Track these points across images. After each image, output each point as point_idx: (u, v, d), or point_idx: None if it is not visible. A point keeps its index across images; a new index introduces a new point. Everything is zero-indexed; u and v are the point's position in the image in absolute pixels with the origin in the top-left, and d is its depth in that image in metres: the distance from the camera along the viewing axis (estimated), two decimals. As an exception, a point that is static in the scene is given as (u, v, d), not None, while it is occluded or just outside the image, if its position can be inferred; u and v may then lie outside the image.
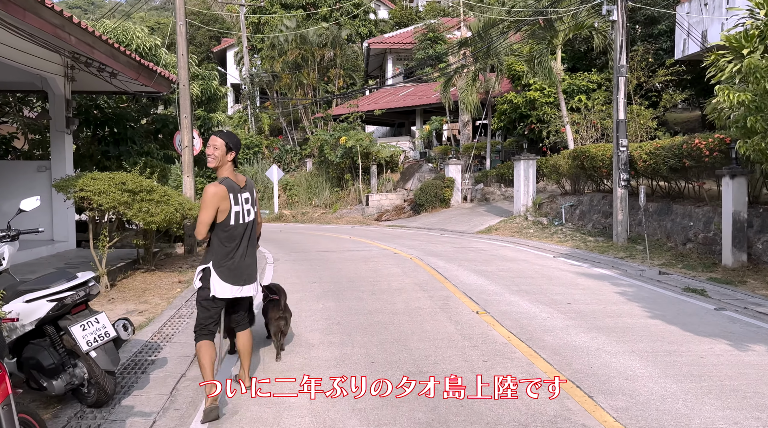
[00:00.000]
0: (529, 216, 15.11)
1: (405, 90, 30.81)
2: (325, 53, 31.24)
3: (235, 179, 3.92)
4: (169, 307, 6.78)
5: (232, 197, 3.83)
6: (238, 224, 3.88)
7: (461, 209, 19.74)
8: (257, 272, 4.15)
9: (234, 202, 3.85)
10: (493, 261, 9.97)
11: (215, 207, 3.78)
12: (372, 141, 25.11)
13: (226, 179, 3.87)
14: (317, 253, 11.46)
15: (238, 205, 3.87)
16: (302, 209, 25.91)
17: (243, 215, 3.91)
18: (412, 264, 9.74)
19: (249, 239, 3.99)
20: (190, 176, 10.61)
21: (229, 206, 3.82)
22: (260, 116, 35.63)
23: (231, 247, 3.87)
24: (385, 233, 16.09)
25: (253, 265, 4.05)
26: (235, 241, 3.88)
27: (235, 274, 3.89)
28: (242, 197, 3.92)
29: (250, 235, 3.99)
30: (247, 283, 3.99)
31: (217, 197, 3.77)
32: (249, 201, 3.98)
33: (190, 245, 10.70)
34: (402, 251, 11.40)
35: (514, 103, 20.45)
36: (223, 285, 3.86)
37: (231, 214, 3.84)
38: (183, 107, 10.51)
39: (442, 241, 13.38)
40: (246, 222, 3.94)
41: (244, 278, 3.95)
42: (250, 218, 3.97)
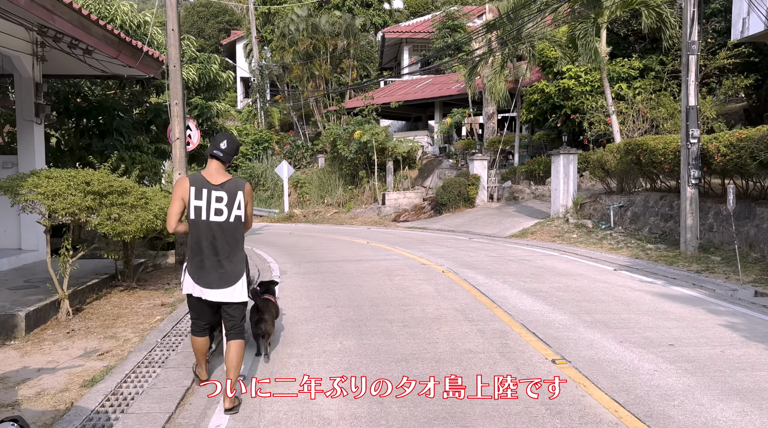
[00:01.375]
0: (570, 218, 13.34)
1: (422, 82, 29.05)
2: (338, 43, 29.54)
3: (209, 176, 3.86)
4: (139, 346, 5.16)
5: (194, 190, 3.81)
6: (199, 220, 3.81)
7: (487, 209, 18.00)
8: (237, 280, 3.88)
9: (195, 196, 3.81)
10: (544, 276, 8.26)
11: (178, 198, 3.84)
12: (388, 135, 23.43)
13: (198, 174, 3.90)
14: (331, 263, 9.82)
15: (200, 200, 3.81)
16: (314, 208, 24.32)
17: (206, 212, 3.81)
18: (445, 280, 8.06)
19: (218, 241, 3.82)
20: (183, 172, 9.02)
21: (189, 199, 3.81)
22: (270, 110, 34.07)
23: (194, 243, 3.86)
24: (405, 236, 14.42)
25: (228, 271, 3.86)
26: (198, 237, 3.83)
27: (200, 274, 3.85)
28: (212, 195, 3.82)
29: (219, 236, 3.83)
30: (214, 287, 3.84)
31: (180, 188, 3.85)
32: (222, 201, 3.84)
33: (182, 255, 9.11)
34: (430, 261, 9.73)
35: (546, 93, 18.66)
36: (189, 281, 3.88)
37: (190, 208, 3.81)
38: (173, 91, 8.90)
39: (474, 247, 11.67)
40: (210, 221, 3.82)
41: (210, 281, 3.83)
42: (219, 218, 3.83)
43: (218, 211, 3.82)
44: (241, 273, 3.92)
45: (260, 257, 10.90)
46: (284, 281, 8.18)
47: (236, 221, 3.88)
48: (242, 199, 3.88)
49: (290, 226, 20.48)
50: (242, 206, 3.88)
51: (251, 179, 28.31)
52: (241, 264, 3.95)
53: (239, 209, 3.87)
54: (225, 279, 3.85)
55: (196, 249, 3.84)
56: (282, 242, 13.82)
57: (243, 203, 3.89)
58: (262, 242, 13.70)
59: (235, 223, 3.87)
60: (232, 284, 3.87)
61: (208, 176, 3.86)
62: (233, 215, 3.85)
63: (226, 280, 3.85)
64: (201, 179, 3.84)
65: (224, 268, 3.84)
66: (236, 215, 3.86)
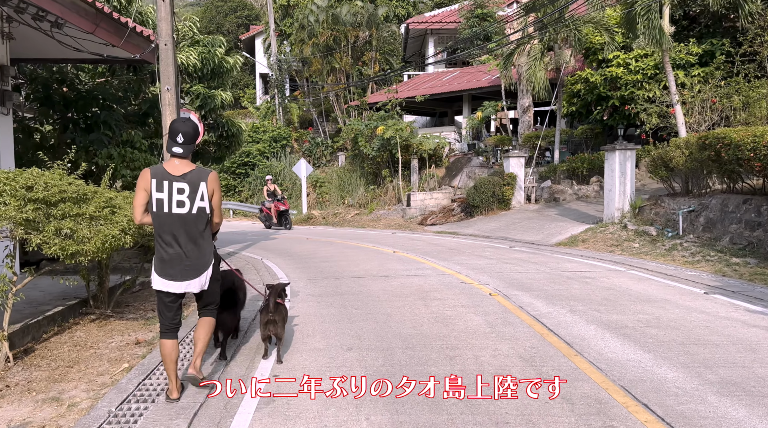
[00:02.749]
0: (629, 224, 11.55)
1: (449, 74, 27.32)
2: (360, 34, 27.99)
3: (170, 168, 3.79)
4: (82, 421, 3.65)
5: (155, 182, 3.76)
6: (161, 212, 3.78)
7: (525, 211, 16.25)
8: (203, 272, 3.86)
9: (156, 188, 3.76)
10: (620, 302, 6.56)
11: (141, 190, 3.80)
12: (413, 131, 21.80)
13: (159, 165, 3.85)
14: (353, 280, 8.24)
15: (161, 192, 3.75)
16: (334, 210, 22.81)
17: (168, 204, 3.76)
18: (495, 306, 6.43)
19: (181, 233, 3.78)
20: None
21: (150, 192, 3.76)
22: (289, 106, 32.68)
23: (157, 235, 3.81)
24: (436, 244, 12.78)
25: (193, 263, 3.82)
26: (161, 230, 3.79)
27: (165, 266, 3.80)
28: (174, 186, 3.76)
29: (182, 229, 3.78)
30: (178, 279, 3.80)
31: (143, 180, 3.80)
32: (184, 193, 3.77)
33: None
34: (471, 279, 8.09)
35: (591, 83, 16.84)
36: (154, 276, 3.86)
37: (152, 200, 3.77)
38: (165, 75, 7.41)
39: (518, 259, 9.99)
40: (174, 213, 3.77)
41: (174, 273, 3.79)
42: (182, 210, 3.78)
43: (180, 203, 3.78)
44: (207, 265, 3.90)
45: (270, 270, 9.38)
46: (295, 306, 6.63)
47: (199, 213, 3.83)
48: (205, 190, 3.82)
49: (308, 229, 18.99)
50: (206, 197, 3.83)
51: (269, 179, 26.96)
52: (208, 256, 3.91)
53: (202, 201, 3.82)
54: (189, 272, 3.82)
55: (162, 243, 3.81)
56: (297, 250, 12.29)
57: (207, 195, 3.83)
58: (275, 251, 12.21)
59: (197, 214, 3.82)
60: (197, 276, 3.85)
61: (169, 167, 3.80)
62: (195, 206, 3.81)
63: (190, 272, 3.82)
64: (162, 170, 3.79)
65: (188, 260, 3.81)
66: (199, 207, 3.82)
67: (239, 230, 18.88)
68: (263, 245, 13.59)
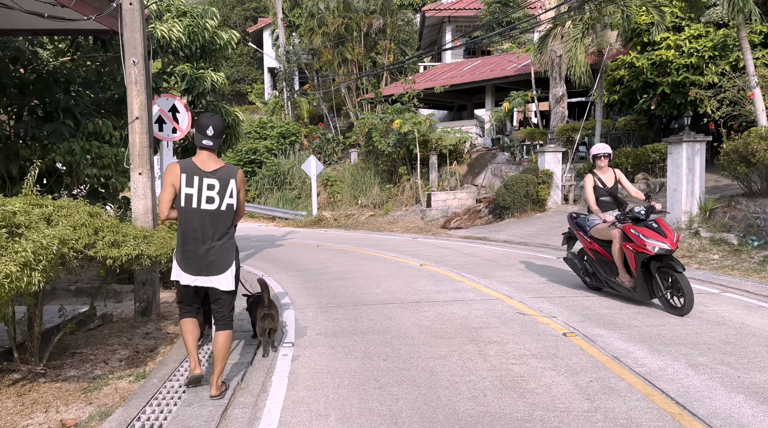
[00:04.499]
0: (702, 230, 9.66)
1: (470, 64, 25.43)
2: (373, 22, 26.15)
3: (201, 163, 3.81)
4: None
5: (185, 177, 3.76)
6: (190, 208, 3.78)
7: (564, 213, 14.32)
8: (227, 268, 3.83)
9: (186, 184, 3.76)
10: (749, 347, 4.70)
11: (169, 185, 3.78)
12: (432, 125, 19.97)
13: (189, 160, 3.84)
14: (376, 309, 6.45)
15: (191, 187, 3.77)
16: (346, 210, 21.03)
17: (197, 200, 3.78)
18: (581, 357, 4.60)
19: (208, 229, 3.79)
20: (147, 171, 5.76)
21: (180, 186, 3.76)
22: (298, 100, 30.94)
23: (185, 231, 3.80)
24: (468, 253, 10.95)
25: (219, 259, 3.80)
26: (188, 225, 3.78)
27: (189, 261, 3.79)
28: (204, 182, 3.78)
29: (209, 225, 3.79)
30: (203, 275, 3.80)
31: (171, 174, 3.79)
32: (214, 189, 3.80)
33: (146, 301, 5.85)
34: (529, 307, 6.27)
35: (636, 68, 14.91)
36: (177, 269, 3.83)
37: (181, 195, 3.77)
38: (130, 43, 5.64)
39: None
40: (202, 209, 3.78)
41: (199, 268, 3.79)
42: (211, 206, 3.80)
43: (210, 199, 3.79)
44: (231, 262, 3.86)
45: (271, 292, 7.61)
46: (302, 355, 4.85)
47: (228, 210, 3.84)
48: (234, 187, 3.85)
49: (319, 233, 17.25)
50: (234, 194, 3.85)
51: (276, 177, 25.28)
52: (232, 253, 3.88)
53: (231, 198, 3.84)
54: (214, 268, 3.80)
55: (185, 237, 3.79)
56: (306, 262, 10.52)
57: (235, 191, 3.86)
58: (280, 263, 10.45)
59: (226, 211, 3.84)
60: (222, 272, 3.82)
61: (199, 163, 3.81)
62: (225, 203, 3.82)
63: (214, 268, 3.81)
64: (192, 165, 3.80)
65: (213, 257, 3.80)
66: (228, 204, 3.83)
67: (243, 234, 17.18)
68: (268, 254, 11.84)
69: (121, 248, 4.22)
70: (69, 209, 4.25)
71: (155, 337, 5.37)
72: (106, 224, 4.32)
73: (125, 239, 4.34)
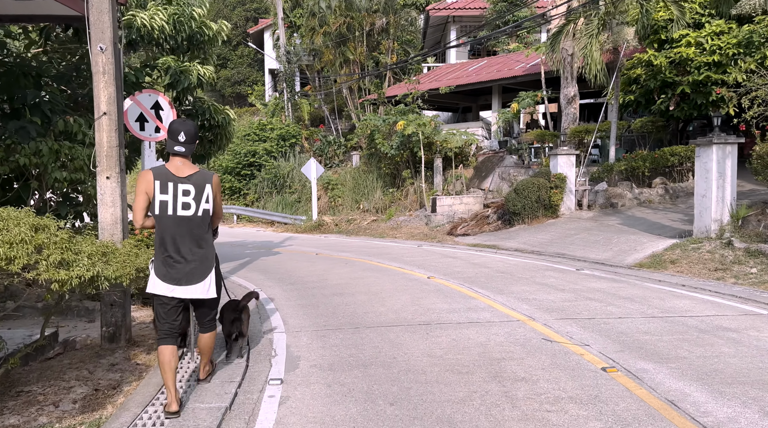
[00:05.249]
0: (735, 240, 8.84)
1: (475, 64, 24.66)
2: (376, 21, 25.40)
3: (174, 169, 3.70)
4: None
5: (158, 184, 3.66)
6: (165, 215, 3.67)
7: (578, 220, 13.56)
8: (207, 275, 3.75)
9: (160, 190, 3.66)
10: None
11: (142, 193, 3.68)
12: (437, 127, 19.19)
13: (162, 166, 3.76)
14: (379, 332, 5.64)
15: (165, 194, 3.67)
16: (347, 215, 20.24)
17: (173, 206, 3.67)
18: (631, 402, 3.79)
19: (186, 236, 3.70)
20: (116, 175, 4.98)
21: (154, 193, 3.66)
22: (299, 102, 30.20)
23: (160, 238, 3.70)
24: (478, 263, 10.15)
25: (198, 266, 3.72)
26: (164, 233, 3.69)
27: (168, 270, 3.68)
28: (179, 188, 3.68)
29: (186, 231, 3.70)
30: (183, 284, 3.69)
31: (144, 182, 3.68)
32: (190, 195, 3.70)
33: (113, 325, 5.05)
34: (556, 332, 5.46)
35: (654, 67, 14.13)
36: (155, 280, 3.70)
37: (156, 202, 3.67)
38: (96, 27, 4.85)
39: (602, 291, 7.34)
40: (178, 215, 3.68)
41: (178, 278, 3.68)
42: (188, 212, 3.70)
43: (186, 205, 3.71)
44: (211, 268, 3.79)
45: (262, 312, 6.81)
46: (290, 395, 4.05)
47: (204, 215, 3.78)
48: (210, 192, 3.78)
49: (318, 239, 16.46)
50: (211, 199, 3.78)
51: (276, 180, 24.52)
52: (211, 259, 3.81)
53: (207, 203, 3.77)
54: (194, 275, 3.72)
55: (162, 245, 3.70)
56: (303, 272, 9.73)
57: (212, 196, 3.79)
58: (275, 274, 9.67)
59: (203, 217, 3.77)
60: (201, 280, 3.74)
61: (173, 169, 3.72)
62: (201, 208, 3.75)
63: (195, 276, 3.72)
64: (166, 171, 3.70)
65: (193, 263, 3.72)
66: (204, 209, 3.76)
67: (239, 240, 16.41)
68: (263, 263, 11.06)
69: (72, 268, 3.47)
70: (7, 221, 3.48)
71: (122, 369, 4.58)
72: (54, 240, 3.54)
73: (77, 257, 3.57)
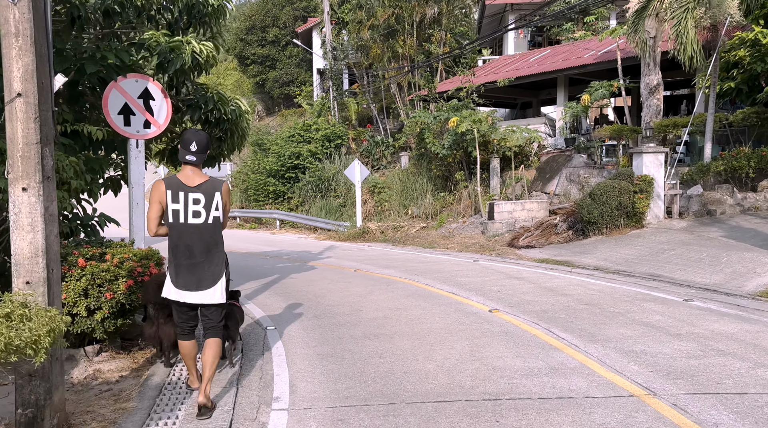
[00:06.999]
0: None
1: (536, 54, 22.42)
2: (426, 11, 23.59)
3: (185, 179, 3.82)
4: None
5: (170, 194, 3.78)
6: (177, 223, 3.81)
7: (669, 231, 11.26)
8: (217, 281, 3.88)
9: (172, 200, 3.79)
10: None
11: (156, 202, 3.80)
12: (493, 124, 17.15)
13: (173, 176, 3.86)
14: (425, 417, 3.83)
15: (177, 203, 3.79)
16: (394, 221, 18.49)
17: (184, 215, 3.80)
18: None
19: (197, 243, 3.82)
20: (36, 185, 3.41)
21: (166, 203, 3.78)
22: (346, 101, 28.74)
23: (173, 246, 3.83)
24: (551, 287, 8.15)
25: (208, 273, 3.85)
26: (176, 240, 3.82)
27: (179, 276, 3.82)
28: (189, 197, 3.80)
29: (197, 239, 3.82)
30: (193, 290, 3.83)
31: (157, 192, 3.79)
32: (200, 203, 3.83)
33: (33, 405, 3.45)
34: (699, 427, 3.49)
35: (762, 47, 11.65)
36: (169, 285, 3.85)
37: (168, 211, 3.80)
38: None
39: (734, 338, 5.25)
40: (189, 223, 3.81)
41: (189, 283, 3.82)
42: (198, 220, 3.83)
43: (196, 213, 3.82)
44: (221, 275, 3.91)
45: (266, 368, 5.12)
46: None
47: (214, 222, 3.88)
48: (220, 200, 3.88)
49: (361, 250, 14.79)
50: (220, 207, 3.89)
51: (320, 183, 23.10)
52: (221, 266, 3.92)
53: (217, 210, 3.87)
54: (204, 282, 3.83)
55: (177, 252, 3.83)
56: (334, 298, 8.03)
57: (221, 204, 3.90)
58: (299, 299, 8.00)
59: (213, 224, 3.88)
60: (211, 287, 3.86)
61: (184, 178, 3.83)
62: (211, 216, 3.86)
63: (205, 282, 3.83)
64: (177, 181, 3.82)
65: (203, 270, 3.83)
66: (214, 217, 3.87)
67: (275, 250, 14.97)
68: (290, 283, 9.45)
69: None
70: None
71: None
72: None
73: None
